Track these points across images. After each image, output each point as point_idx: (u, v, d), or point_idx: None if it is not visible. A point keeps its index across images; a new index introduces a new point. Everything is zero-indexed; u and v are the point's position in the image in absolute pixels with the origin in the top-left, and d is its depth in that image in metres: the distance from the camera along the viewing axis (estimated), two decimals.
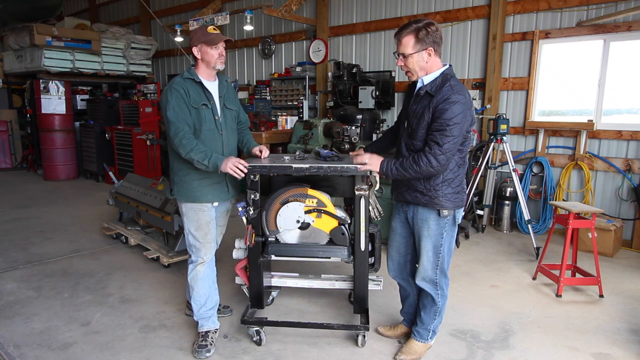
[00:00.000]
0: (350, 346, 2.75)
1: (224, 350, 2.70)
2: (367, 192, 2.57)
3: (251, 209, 2.61)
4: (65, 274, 3.85)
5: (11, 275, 3.83)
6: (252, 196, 2.61)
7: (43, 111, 7.83)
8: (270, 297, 3.28)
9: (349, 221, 2.76)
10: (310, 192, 2.65)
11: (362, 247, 2.64)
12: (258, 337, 2.75)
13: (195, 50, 2.66)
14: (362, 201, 2.57)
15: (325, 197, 2.67)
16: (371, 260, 2.77)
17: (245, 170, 2.49)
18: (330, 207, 2.65)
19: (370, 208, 2.66)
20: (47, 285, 3.61)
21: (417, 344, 2.62)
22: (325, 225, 2.67)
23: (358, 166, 2.43)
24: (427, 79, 2.31)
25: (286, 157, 2.75)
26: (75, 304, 3.30)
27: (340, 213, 2.72)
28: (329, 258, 2.71)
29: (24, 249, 4.48)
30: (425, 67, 2.30)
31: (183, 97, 2.59)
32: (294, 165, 2.52)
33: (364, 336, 2.73)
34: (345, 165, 2.48)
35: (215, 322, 2.82)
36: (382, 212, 2.77)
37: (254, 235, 2.66)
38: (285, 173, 2.66)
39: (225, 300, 3.32)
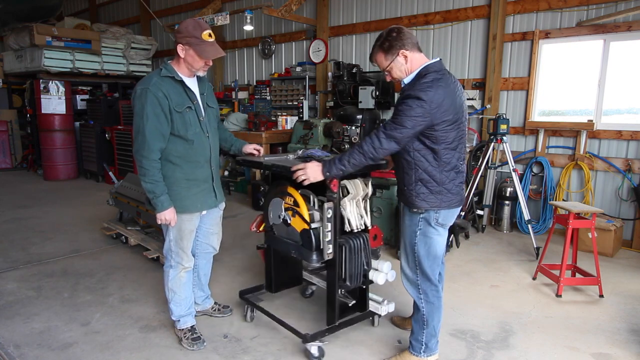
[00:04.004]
0: (349, 347, 2.74)
1: (224, 350, 2.70)
2: (338, 200, 2.47)
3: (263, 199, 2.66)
4: (65, 274, 3.85)
5: (11, 275, 3.83)
6: (262, 188, 2.65)
7: (43, 111, 7.83)
8: (310, 290, 3.38)
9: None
10: (290, 190, 2.63)
11: (325, 256, 2.53)
12: (249, 314, 2.99)
13: (180, 48, 2.38)
14: (327, 208, 2.44)
15: (300, 197, 2.59)
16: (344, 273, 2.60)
17: (173, 225, 2.52)
18: (302, 208, 2.56)
19: (350, 216, 2.54)
20: (47, 285, 3.61)
21: (411, 357, 2.53)
22: (298, 225, 2.62)
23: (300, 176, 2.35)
24: (407, 80, 2.30)
25: (290, 156, 2.78)
26: (75, 304, 3.30)
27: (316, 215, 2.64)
28: (302, 259, 2.69)
29: (24, 249, 4.48)
30: (406, 69, 2.28)
31: (161, 102, 2.33)
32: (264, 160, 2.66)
33: (319, 348, 2.58)
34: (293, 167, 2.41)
35: (194, 318, 2.84)
36: (366, 223, 2.65)
37: (262, 223, 2.76)
38: (257, 168, 2.73)
39: (225, 300, 3.32)
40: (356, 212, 2.59)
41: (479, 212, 5.23)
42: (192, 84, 2.52)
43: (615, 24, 4.60)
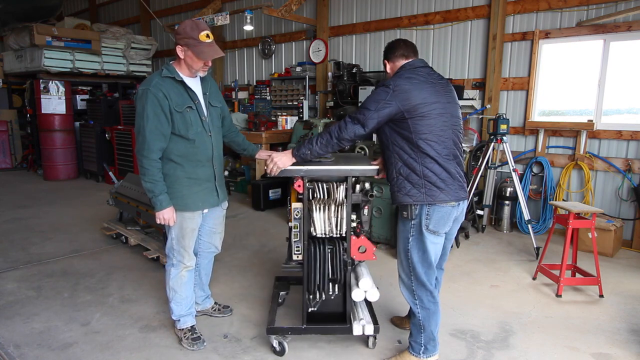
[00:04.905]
0: (350, 346, 2.74)
1: (224, 350, 2.70)
2: (305, 201, 2.48)
3: None
4: (65, 274, 3.85)
5: (11, 275, 3.83)
6: None
7: (43, 111, 7.83)
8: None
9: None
10: (291, 187, 2.65)
11: (293, 256, 2.58)
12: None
13: (179, 49, 2.42)
14: (293, 208, 2.49)
15: (293, 195, 2.61)
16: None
17: (172, 224, 2.53)
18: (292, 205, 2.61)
19: (316, 220, 2.50)
20: (47, 285, 3.61)
21: (410, 357, 2.53)
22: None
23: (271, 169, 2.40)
24: None
25: None
26: (75, 304, 3.30)
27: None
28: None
29: (24, 249, 4.48)
30: (389, 75, 2.48)
31: (161, 102, 2.36)
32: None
33: (280, 342, 2.62)
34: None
35: (194, 318, 2.84)
36: (336, 231, 2.54)
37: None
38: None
39: (225, 300, 3.32)
40: (324, 217, 2.52)
41: (479, 212, 5.23)
42: (193, 83, 2.54)
43: (615, 24, 4.60)
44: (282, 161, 2.39)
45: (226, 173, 7.25)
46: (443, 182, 2.27)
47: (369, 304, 2.83)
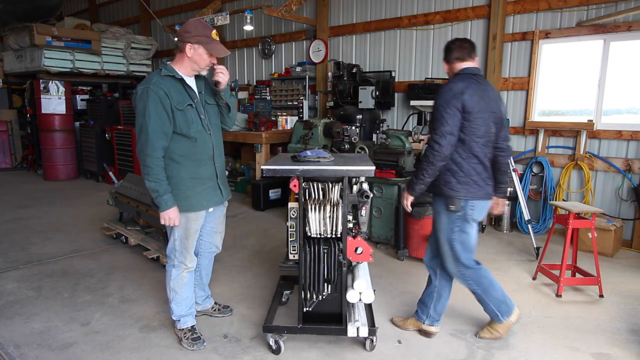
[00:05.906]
0: (350, 346, 2.74)
1: (224, 350, 2.70)
2: (301, 201, 2.51)
3: None
4: (65, 274, 3.85)
5: (11, 275, 3.83)
6: None
7: (43, 111, 7.83)
8: None
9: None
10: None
11: (289, 256, 2.64)
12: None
13: (188, 47, 2.41)
14: (290, 208, 2.55)
15: (292, 195, 2.66)
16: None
17: (177, 224, 2.51)
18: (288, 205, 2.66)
19: (311, 221, 2.51)
20: (47, 285, 3.61)
21: (494, 325, 2.80)
22: None
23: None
24: None
25: (309, 152, 2.69)
26: (75, 304, 3.30)
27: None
28: None
29: (24, 249, 4.48)
30: (449, 75, 2.70)
31: (162, 101, 2.36)
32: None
33: (277, 341, 2.64)
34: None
35: (194, 318, 2.84)
36: (331, 231, 2.55)
37: None
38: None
39: (225, 300, 3.32)
40: (319, 217, 2.51)
41: None
42: (191, 82, 2.56)
43: (615, 24, 4.60)
44: (408, 202, 2.67)
45: (226, 173, 7.24)
46: (484, 181, 2.56)
47: (368, 305, 2.83)
